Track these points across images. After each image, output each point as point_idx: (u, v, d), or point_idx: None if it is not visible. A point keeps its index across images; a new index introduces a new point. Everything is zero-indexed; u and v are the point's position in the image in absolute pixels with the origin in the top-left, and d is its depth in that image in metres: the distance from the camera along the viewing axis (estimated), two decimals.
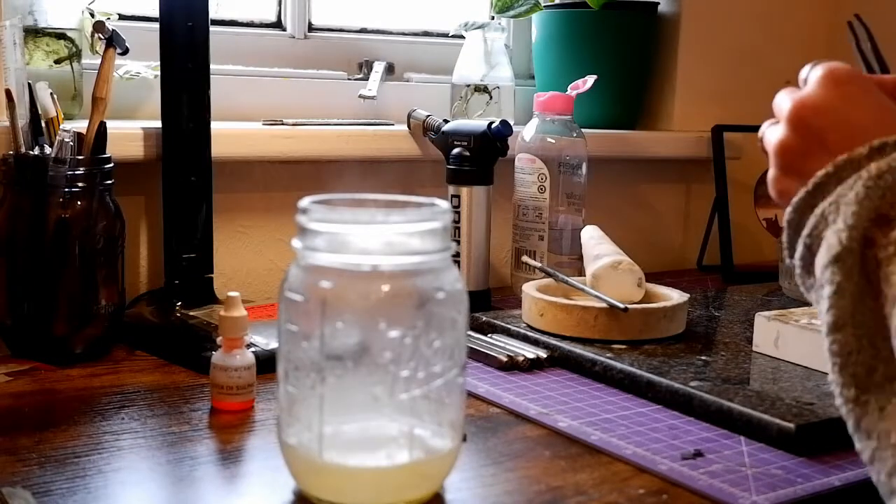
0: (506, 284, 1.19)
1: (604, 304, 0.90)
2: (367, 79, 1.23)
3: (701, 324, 0.99)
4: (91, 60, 1.02)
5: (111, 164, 0.88)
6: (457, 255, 1.05)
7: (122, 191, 0.91)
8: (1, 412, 0.73)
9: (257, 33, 1.23)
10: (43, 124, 0.89)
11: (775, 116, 0.60)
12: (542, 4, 1.29)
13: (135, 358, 0.88)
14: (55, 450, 0.65)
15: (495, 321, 0.96)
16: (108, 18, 1.01)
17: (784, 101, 0.59)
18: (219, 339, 0.75)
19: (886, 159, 0.51)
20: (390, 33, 1.31)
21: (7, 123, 0.87)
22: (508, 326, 0.95)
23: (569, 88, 1.13)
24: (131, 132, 0.98)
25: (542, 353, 0.88)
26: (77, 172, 0.85)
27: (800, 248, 0.54)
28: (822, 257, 0.52)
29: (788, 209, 0.55)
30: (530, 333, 0.92)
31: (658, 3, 1.36)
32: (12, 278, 0.87)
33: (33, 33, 0.99)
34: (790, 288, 1.17)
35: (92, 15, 1.03)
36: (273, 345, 0.80)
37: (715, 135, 1.37)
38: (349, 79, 1.24)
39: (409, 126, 1.15)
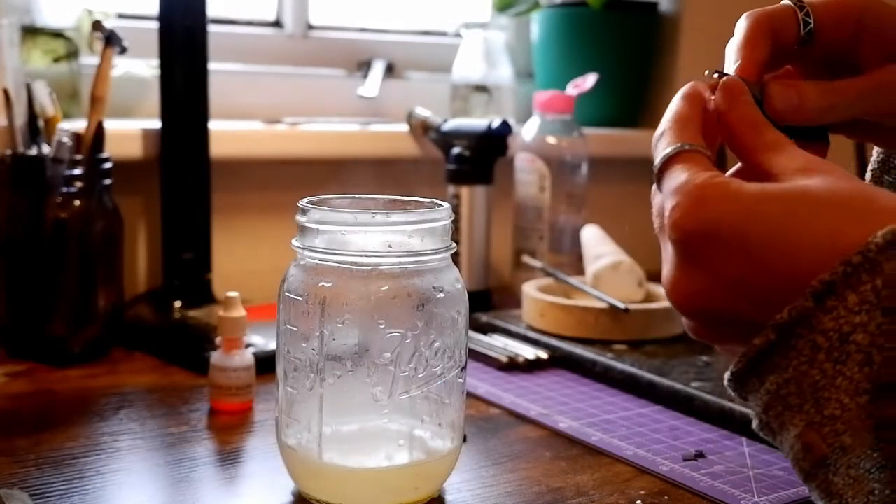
0: (506, 284, 1.19)
1: (604, 305, 0.90)
2: (366, 78, 1.23)
3: None
4: (89, 60, 1.01)
5: (109, 164, 0.88)
6: (457, 254, 1.05)
7: (121, 190, 0.91)
8: None
9: (256, 32, 1.22)
10: (41, 124, 0.88)
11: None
12: (543, 3, 1.28)
13: (133, 358, 0.87)
14: (53, 451, 0.64)
15: (495, 321, 0.96)
16: (107, 17, 1.01)
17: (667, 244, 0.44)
18: (218, 340, 0.75)
19: (841, 309, 0.37)
20: (390, 32, 1.31)
21: (5, 123, 0.86)
22: (508, 327, 0.94)
23: (570, 87, 1.13)
24: (130, 132, 0.98)
25: (543, 354, 0.88)
26: (75, 172, 0.84)
27: (754, 418, 0.42)
28: (796, 452, 0.39)
29: (726, 377, 0.42)
30: (530, 334, 0.92)
31: (658, 3, 1.35)
32: (10, 279, 0.86)
33: (31, 32, 0.99)
34: None
35: (90, 14, 1.03)
36: (272, 345, 0.80)
37: None
38: (349, 77, 1.24)
39: (409, 126, 1.15)
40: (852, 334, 0.37)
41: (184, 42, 0.94)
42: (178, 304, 0.94)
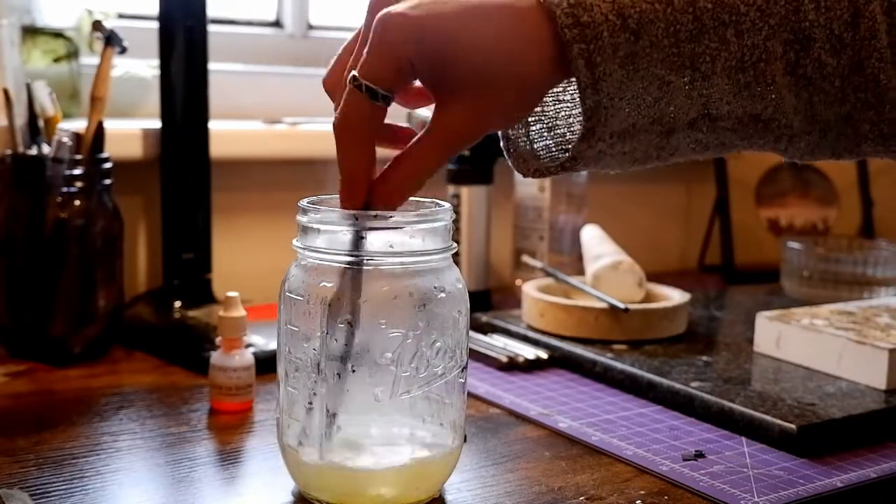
0: (506, 284, 1.19)
1: (604, 305, 0.90)
2: None
3: (702, 324, 0.99)
4: (89, 60, 1.01)
5: (110, 164, 0.88)
6: (457, 255, 1.05)
7: (121, 190, 0.91)
8: None
9: (256, 32, 1.22)
10: (41, 124, 0.88)
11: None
12: None
13: (133, 358, 0.88)
14: (53, 451, 0.64)
15: (495, 321, 0.96)
16: (107, 17, 1.01)
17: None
18: (218, 340, 0.75)
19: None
20: None
21: (5, 123, 0.86)
22: (508, 327, 0.94)
23: None
24: (130, 132, 0.98)
25: (543, 354, 0.88)
26: (75, 172, 0.84)
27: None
28: None
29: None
30: (530, 334, 0.92)
31: None
32: (11, 279, 0.86)
33: (31, 32, 0.99)
34: (792, 288, 1.17)
35: (90, 14, 1.03)
36: (272, 345, 0.80)
37: None
38: None
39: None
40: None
41: (184, 42, 0.94)
42: (178, 304, 0.94)
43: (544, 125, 0.56)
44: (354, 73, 0.50)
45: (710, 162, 1.36)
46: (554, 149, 0.54)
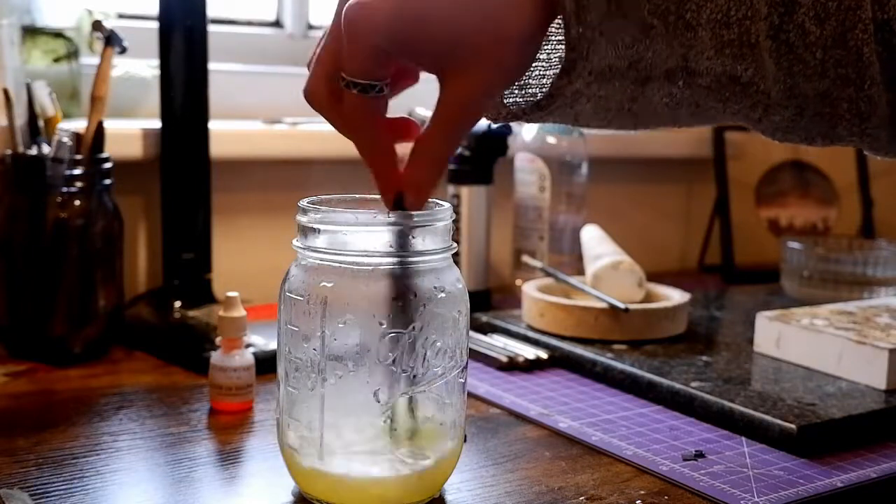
0: (506, 284, 1.19)
1: (604, 305, 0.90)
2: None
3: (702, 324, 0.99)
4: (89, 60, 1.01)
5: (110, 164, 0.88)
6: (457, 254, 1.05)
7: (121, 190, 0.91)
8: None
9: (256, 32, 1.22)
10: (41, 124, 0.88)
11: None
12: None
13: (133, 358, 0.88)
14: (53, 451, 0.64)
15: (495, 321, 0.96)
16: (107, 17, 1.01)
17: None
18: (218, 340, 0.75)
19: None
20: None
21: (5, 123, 0.86)
22: (508, 327, 0.94)
23: None
24: (130, 132, 0.98)
25: (543, 354, 0.88)
26: (75, 172, 0.84)
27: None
28: None
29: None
30: (530, 334, 0.92)
31: None
32: (11, 279, 0.86)
33: (31, 32, 0.99)
34: (792, 288, 1.17)
35: (90, 14, 1.03)
36: (272, 345, 0.80)
37: (716, 134, 1.37)
38: None
39: None
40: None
41: (184, 42, 0.94)
42: (178, 304, 0.94)
43: (516, 83, 0.55)
44: (342, 73, 0.50)
45: (710, 162, 1.36)
46: (524, 106, 0.54)
